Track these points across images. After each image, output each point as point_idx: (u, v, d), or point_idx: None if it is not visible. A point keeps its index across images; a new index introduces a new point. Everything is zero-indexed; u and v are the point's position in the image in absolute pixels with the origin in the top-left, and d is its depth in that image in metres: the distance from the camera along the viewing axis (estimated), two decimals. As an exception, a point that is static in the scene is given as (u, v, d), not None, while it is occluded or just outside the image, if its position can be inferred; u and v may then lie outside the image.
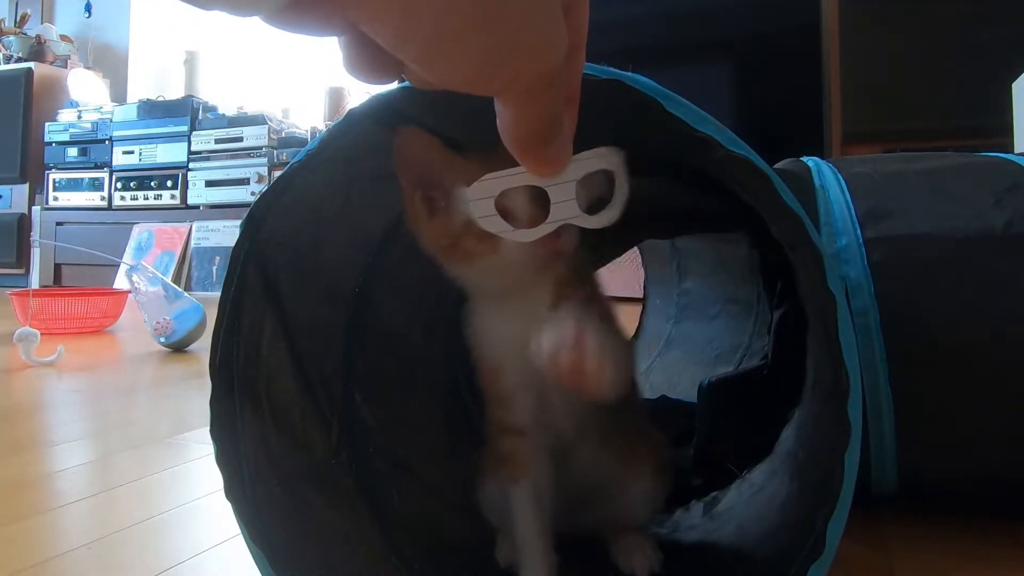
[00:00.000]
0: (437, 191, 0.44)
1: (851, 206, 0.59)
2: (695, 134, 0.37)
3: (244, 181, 3.41)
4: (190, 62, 3.89)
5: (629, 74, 0.38)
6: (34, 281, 3.53)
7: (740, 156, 0.37)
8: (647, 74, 0.39)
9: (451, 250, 0.45)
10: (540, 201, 0.37)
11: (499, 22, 0.22)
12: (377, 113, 0.44)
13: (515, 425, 0.48)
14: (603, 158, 0.36)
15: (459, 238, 0.43)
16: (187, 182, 3.55)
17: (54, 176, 3.85)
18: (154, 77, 4.16)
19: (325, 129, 0.40)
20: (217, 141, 3.49)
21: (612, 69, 0.39)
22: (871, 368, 0.55)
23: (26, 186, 3.83)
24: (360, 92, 3.14)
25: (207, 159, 3.51)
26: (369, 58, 0.24)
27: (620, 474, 0.51)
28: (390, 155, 0.44)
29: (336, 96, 3.52)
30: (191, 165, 3.55)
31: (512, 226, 0.37)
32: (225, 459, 0.44)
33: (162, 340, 1.73)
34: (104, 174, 3.76)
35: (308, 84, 3.79)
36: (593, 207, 0.38)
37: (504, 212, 0.37)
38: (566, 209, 0.36)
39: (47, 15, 4.36)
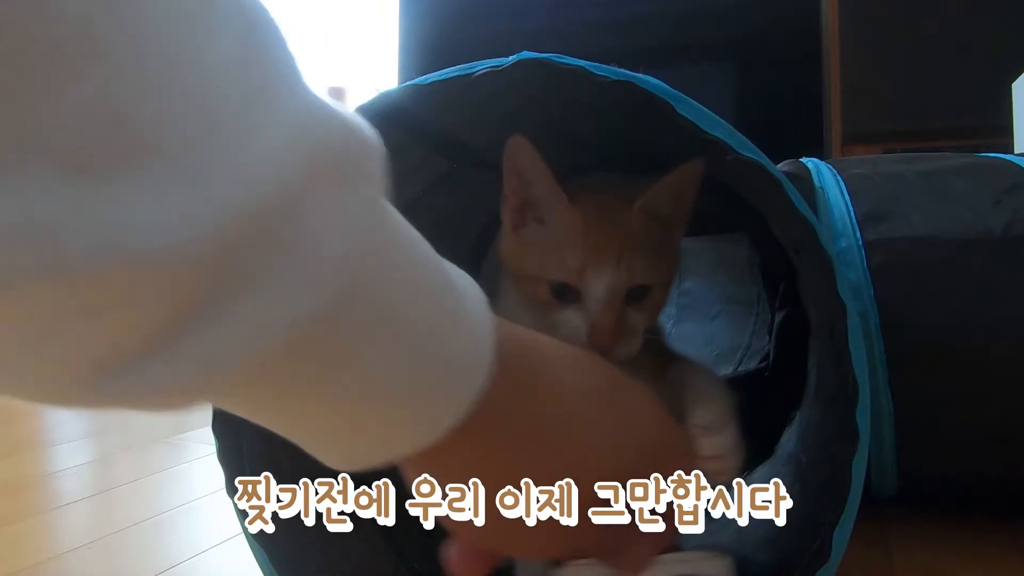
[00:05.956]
0: (530, 206, 0.45)
1: (850, 208, 0.59)
2: (705, 136, 0.37)
3: (244, 180, 3.41)
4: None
5: (640, 75, 0.38)
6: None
7: (752, 160, 0.37)
8: (647, 74, 0.39)
9: (519, 278, 0.45)
10: None
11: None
12: (384, 111, 0.45)
13: None
14: (697, 563, 0.36)
15: (535, 280, 0.43)
16: (187, 181, 3.54)
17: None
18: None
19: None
20: (217, 140, 3.49)
21: (623, 70, 0.38)
22: (871, 371, 0.55)
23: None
24: (360, 92, 3.14)
25: (207, 158, 3.51)
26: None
27: None
28: (396, 152, 0.44)
29: (337, 96, 3.50)
30: (191, 164, 3.55)
31: None
32: (226, 456, 0.45)
33: (162, 339, 1.73)
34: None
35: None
36: None
37: None
38: None
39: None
